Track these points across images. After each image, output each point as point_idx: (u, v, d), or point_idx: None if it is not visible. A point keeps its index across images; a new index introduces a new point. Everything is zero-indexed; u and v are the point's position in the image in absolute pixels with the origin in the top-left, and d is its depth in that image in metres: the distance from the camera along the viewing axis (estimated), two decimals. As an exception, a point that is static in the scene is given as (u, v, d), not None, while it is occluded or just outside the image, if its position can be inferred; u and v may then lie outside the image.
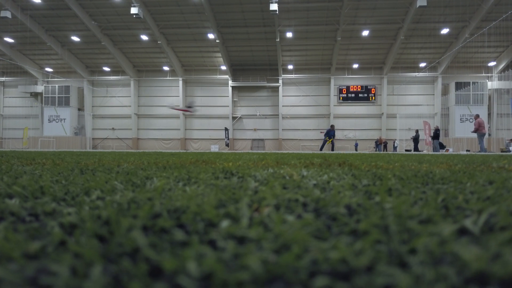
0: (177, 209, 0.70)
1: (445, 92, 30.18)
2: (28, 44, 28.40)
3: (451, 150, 23.19)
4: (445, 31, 25.40)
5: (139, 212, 0.65)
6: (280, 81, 31.10)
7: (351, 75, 31.49)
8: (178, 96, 32.18)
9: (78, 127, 32.75)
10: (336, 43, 26.38)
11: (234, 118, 32.08)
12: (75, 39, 27.94)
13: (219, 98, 32.38)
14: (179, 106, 28.37)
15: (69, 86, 31.79)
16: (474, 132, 13.56)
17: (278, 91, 31.55)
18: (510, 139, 23.86)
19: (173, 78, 32.48)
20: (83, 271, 0.35)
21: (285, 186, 1.15)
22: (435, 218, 0.63)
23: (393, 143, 28.56)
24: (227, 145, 31.46)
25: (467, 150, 24.42)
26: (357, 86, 31.10)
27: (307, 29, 25.87)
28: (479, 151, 14.15)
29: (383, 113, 30.54)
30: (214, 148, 31.11)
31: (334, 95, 31.24)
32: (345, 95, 31.24)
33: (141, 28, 26.70)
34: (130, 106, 32.69)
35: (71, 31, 27.25)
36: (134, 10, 22.05)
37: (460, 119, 28.45)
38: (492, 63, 29.26)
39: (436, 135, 17.50)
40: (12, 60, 29.26)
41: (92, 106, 33.43)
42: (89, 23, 25.33)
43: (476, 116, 13.86)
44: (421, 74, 29.98)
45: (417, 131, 20.39)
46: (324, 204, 0.77)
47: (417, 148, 20.01)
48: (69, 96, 31.76)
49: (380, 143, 26.03)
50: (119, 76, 33.00)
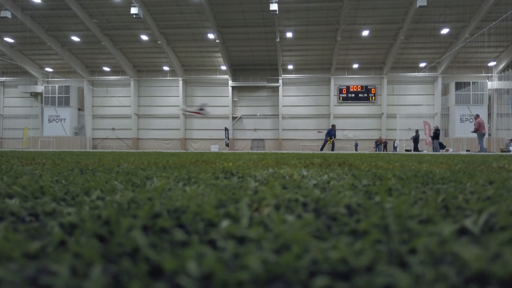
0: (177, 209, 0.70)
1: (445, 92, 30.18)
2: (28, 44, 28.41)
3: (451, 150, 23.18)
4: (445, 31, 25.40)
5: (139, 212, 0.65)
6: (280, 81, 31.10)
7: (351, 75, 31.49)
8: (178, 96, 32.20)
9: (78, 127, 32.75)
10: (336, 43, 26.39)
11: (234, 118, 32.08)
12: (75, 39, 27.95)
13: (219, 98, 32.38)
14: (191, 108, 28.40)
15: (69, 86, 31.81)
16: (474, 132, 13.57)
17: (278, 91, 31.55)
18: (510, 139, 23.86)
19: (173, 78, 32.49)
20: (83, 271, 0.35)
21: (285, 186, 1.15)
22: (435, 218, 0.63)
23: (393, 143, 28.56)
24: (227, 145, 31.46)
25: (467, 150, 24.42)
26: (357, 86, 31.10)
27: (307, 29, 25.88)
28: (479, 151, 14.15)
29: (383, 113, 30.54)
30: (214, 148, 31.11)
31: (334, 95, 31.25)
32: (345, 95, 31.24)
33: (141, 28, 26.71)
34: (130, 106, 32.70)
35: (71, 31, 27.26)
36: (134, 10, 22.07)
37: (460, 119, 28.45)
38: (492, 63, 29.26)
39: (436, 135, 17.50)
40: (12, 60, 29.27)
41: (92, 106, 33.44)
42: (89, 23, 25.33)
43: (476, 116, 13.86)
44: (421, 74, 29.98)
45: (417, 131, 20.39)
46: (324, 204, 0.77)
47: (417, 148, 20.01)
48: (69, 96, 31.77)
49: (380, 143, 26.04)
50: (119, 76, 33.01)
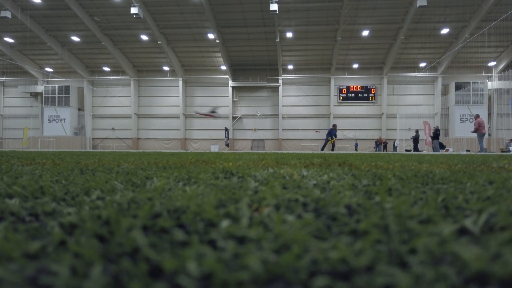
0: (177, 209, 0.70)
1: (445, 92, 30.18)
2: (28, 44, 28.41)
3: (451, 150, 23.18)
4: (445, 31, 25.40)
5: (139, 212, 0.65)
6: (280, 81, 31.10)
7: (351, 75, 31.49)
8: (178, 96, 32.20)
9: (78, 127, 32.75)
10: (336, 43, 26.39)
11: (234, 118, 32.08)
12: (75, 39, 27.95)
13: (219, 98, 32.38)
14: (204, 111, 28.46)
15: (69, 86, 31.81)
16: (474, 132, 13.57)
17: (278, 91, 31.55)
18: (510, 139, 23.86)
19: (173, 78, 32.49)
20: (83, 271, 0.35)
21: (285, 186, 1.15)
22: (435, 218, 0.62)
23: (393, 143, 28.56)
24: (227, 145, 31.46)
25: (467, 150, 24.42)
26: (357, 86, 31.10)
27: (307, 29, 25.88)
28: (479, 151, 14.15)
29: (383, 113, 30.54)
30: (214, 148, 31.11)
31: (334, 95, 31.25)
32: (345, 95, 31.24)
33: (141, 28, 26.71)
34: (130, 106, 32.70)
35: (71, 31, 27.26)
36: (134, 10, 22.07)
37: (460, 119, 28.45)
38: (492, 63, 29.26)
39: (436, 135, 17.50)
40: (12, 60, 29.27)
41: (92, 106, 33.44)
42: (89, 23, 25.34)
43: (476, 116, 13.85)
44: (421, 74, 29.98)
45: (417, 131, 20.39)
46: (324, 204, 0.77)
47: (417, 148, 20.01)
48: (69, 96, 31.78)
49: (380, 143, 26.04)
50: (119, 76, 33.01)
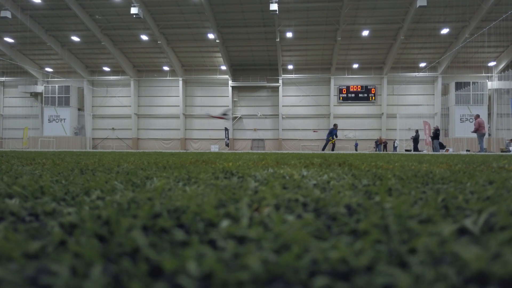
0: (177, 209, 0.70)
1: (445, 92, 30.18)
2: (28, 44, 28.41)
3: (451, 150, 23.18)
4: (445, 31, 25.40)
5: (139, 212, 0.65)
6: (280, 81, 31.10)
7: (351, 75, 31.49)
8: (178, 96, 32.20)
9: (78, 127, 32.75)
10: (336, 43, 26.39)
11: (234, 118, 32.08)
12: (75, 39, 27.95)
13: (219, 98, 32.38)
14: (216, 113, 28.37)
15: (69, 86, 31.81)
16: (474, 132, 13.56)
17: (278, 91, 31.55)
18: (510, 139, 23.86)
19: (173, 78, 32.49)
20: (83, 271, 0.35)
21: (285, 186, 1.15)
22: (435, 218, 0.62)
23: (393, 143, 28.56)
24: (227, 145, 31.46)
25: (467, 150, 24.42)
26: (357, 86, 31.10)
27: (307, 29, 25.87)
28: (479, 151, 14.15)
29: (383, 113, 30.54)
30: (214, 148, 31.11)
31: (334, 95, 31.25)
32: (345, 95, 31.24)
33: (141, 28, 26.70)
34: (130, 106, 32.70)
35: (71, 31, 27.26)
36: (134, 10, 22.07)
37: (460, 119, 28.45)
38: (492, 63, 29.26)
39: (436, 135, 17.50)
40: (12, 60, 29.27)
41: (92, 106, 33.44)
42: (89, 23, 25.34)
43: (476, 116, 13.85)
44: (421, 74, 29.98)
45: (417, 131, 20.39)
46: (324, 204, 0.77)
47: (417, 148, 20.01)
48: (69, 96, 31.77)
49: (380, 143, 26.04)
50: (119, 76, 33.01)
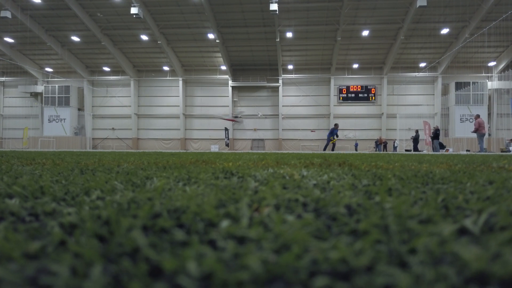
0: (177, 209, 0.70)
1: (445, 92, 30.18)
2: (28, 44, 28.41)
3: (451, 150, 23.18)
4: (445, 31, 25.40)
5: (139, 212, 0.65)
6: (280, 81, 31.10)
7: (351, 75, 31.49)
8: (178, 96, 32.20)
9: (78, 127, 32.75)
10: (336, 43, 26.39)
11: (235, 117, 32.08)
12: (75, 39, 27.95)
13: (219, 98, 32.38)
14: (228, 116, 28.45)
15: (69, 86, 31.81)
16: (474, 132, 13.56)
17: (278, 91, 31.55)
18: (510, 139, 23.86)
19: (173, 78, 32.49)
20: (83, 271, 0.35)
21: (285, 186, 1.15)
22: (435, 218, 0.62)
23: (393, 143, 28.56)
24: (227, 145, 31.47)
25: (467, 150, 24.42)
26: (357, 86, 31.10)
27: (307, 29, 25.87)
28: (479, 151, 14.15)
29: (383, 113, 30.54)
30: (214, 148, 31.11)
31: (334, 95, 31.25)
32: (345, 95, 31.24)
33: (141, 28, 26.70)
34: (130, 106, 32.70)
35: (71, 31, 27.25)
36: (134, 10, 22.07)
37: (460, 119, 28.45)
38: (492, 63, 29.26)
39: (436, 135, 17.50)
40: (12, 60, 29.26)
41: (92, 106, 33.44)
42: (89, 23, 25.34)
43: (477, 116, 13.84)
44: (421, 74, 29.98)
45: (417, 131, 20.39)
46: (324, 204, 0.77)
47: (417, 148, 20.00)
48: (69, 96, 31.78)
49: (380, 143, 26.04)
50: (119, 76, 33.01)
